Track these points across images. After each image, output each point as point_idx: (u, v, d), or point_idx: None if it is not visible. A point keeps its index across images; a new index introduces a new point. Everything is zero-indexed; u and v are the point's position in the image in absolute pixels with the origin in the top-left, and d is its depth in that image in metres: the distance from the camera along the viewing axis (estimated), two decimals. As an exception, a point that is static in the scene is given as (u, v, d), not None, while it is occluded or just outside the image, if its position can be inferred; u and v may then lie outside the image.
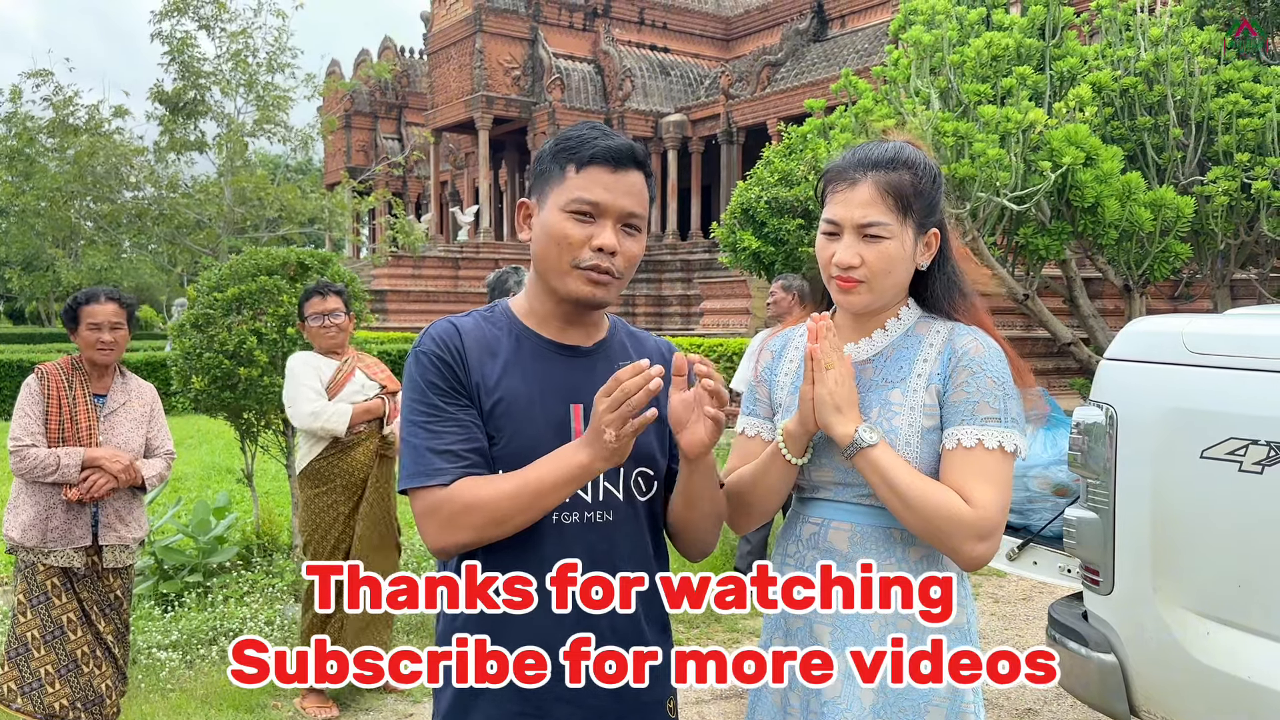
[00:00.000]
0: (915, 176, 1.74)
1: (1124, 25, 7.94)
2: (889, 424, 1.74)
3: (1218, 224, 7.22)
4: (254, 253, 5.76)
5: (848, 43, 27.85)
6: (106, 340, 3.62)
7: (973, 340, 1.76)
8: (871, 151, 1.77)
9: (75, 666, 3.55)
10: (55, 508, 3.53)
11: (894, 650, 1.74)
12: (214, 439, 12.15)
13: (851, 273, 1.72)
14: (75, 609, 3.58)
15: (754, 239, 8.20)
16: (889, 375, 1.78)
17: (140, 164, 15.80)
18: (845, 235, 1.74)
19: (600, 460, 1.54)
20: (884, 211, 1.71)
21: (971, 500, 1.66)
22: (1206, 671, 2.41)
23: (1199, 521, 2.45)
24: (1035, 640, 5.24)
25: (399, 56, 38.09)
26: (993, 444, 1.69)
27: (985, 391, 1.71)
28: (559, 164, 1.66)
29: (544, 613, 1.65)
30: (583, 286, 1.64)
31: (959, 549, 1.66)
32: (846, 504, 1.79)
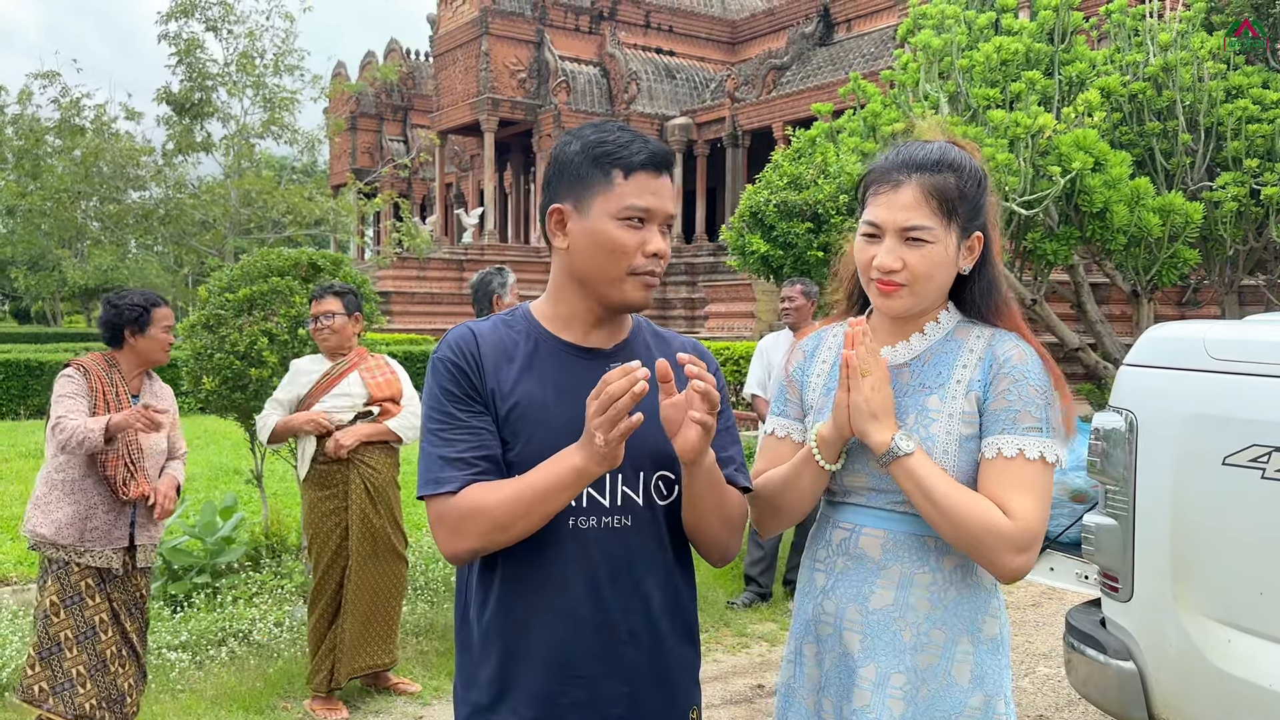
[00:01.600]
0: (960, 179, 1.70)
1: (1133, 30, 7.93)
2: (926, 431, 1.71)
3: (1226, 230, 7.20)
4: (266, 253, 5.76)
5: (853, 47, 27.85)
6: (172, 342, 3.77)
7: (1015, 347, 1.72)
8: (916, 152, 1.72)
9: (104, 666, 3.57)
10: (96, 507, 3.54)
11: (926, 662, 1.71)
12: (221, 439, 12.15)
13: (893, 276, 1.69)
14: (107, 609, 3.59)
15: (763, 242, 8.18)
16: (926, 380, 1.75)
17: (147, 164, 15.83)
18: (887, 238, 1.70)
19: (594, 464, 1.52)
20: (928, 215, 1.67)
21: (1010, 512, 1.62)
22: (1228, 679, 2.40)
23: (1220, 528, 2.44)
24: (1046, 646, 5.23)
25: (405, 59, 38.17)
26: (1034, 454, 1.65)
27: (1028, 400, 1.68)
28: (601, 169, 1.62)
29: (561, 620, 1.63)
30: (637, 292, 1.65)
31: (996, 561, 1.63)
32: (879, 510, 1.75)
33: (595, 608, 1.64)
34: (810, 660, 1.82)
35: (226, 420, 6.00)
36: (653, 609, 1.68)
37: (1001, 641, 1.77)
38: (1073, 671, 2.91)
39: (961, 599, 1.72)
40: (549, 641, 1.64)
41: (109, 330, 3.72)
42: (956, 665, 1.71)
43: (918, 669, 1.70)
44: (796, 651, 1.85)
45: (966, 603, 1.73)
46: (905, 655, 1.70)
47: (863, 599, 1.73)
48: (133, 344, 3.68)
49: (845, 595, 1.76)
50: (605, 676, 1.65)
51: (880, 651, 1.71)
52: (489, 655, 1.67)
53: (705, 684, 4.69)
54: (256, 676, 4.57)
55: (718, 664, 5.03)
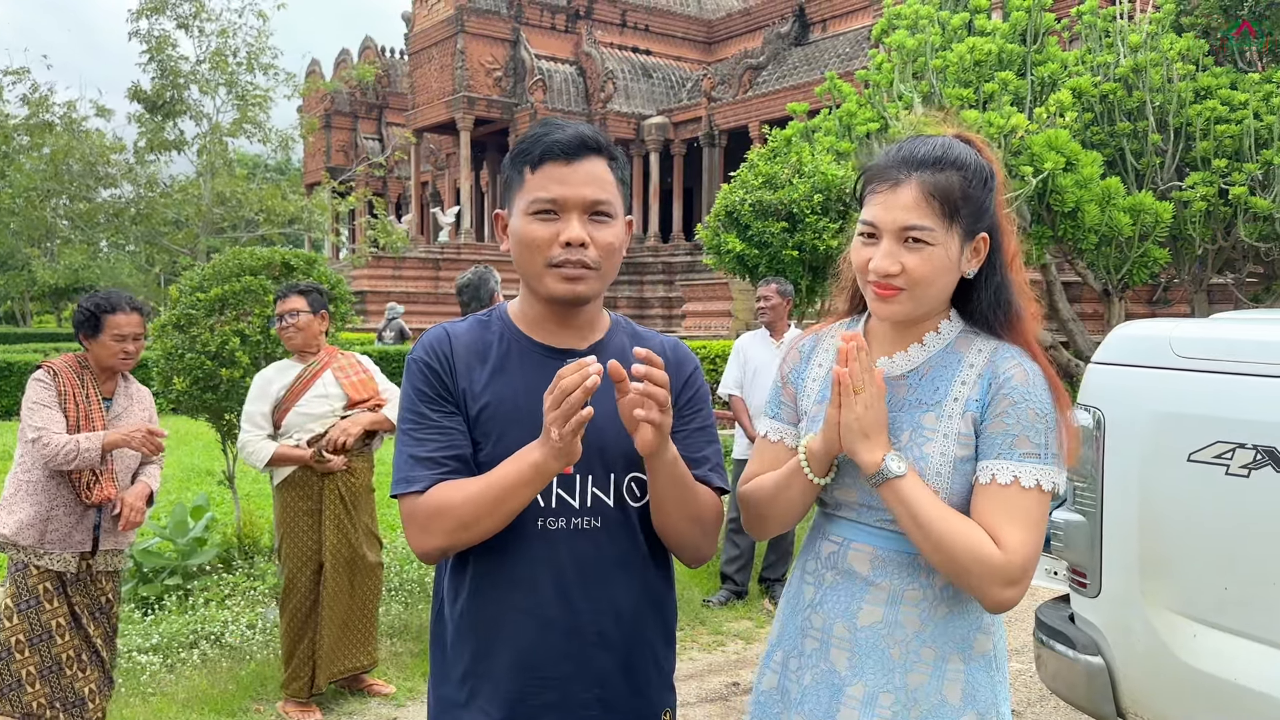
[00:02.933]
0: (964, 178, 1.59)
1: (1104, 31, 8.02)
2: (919, 450, 1.63)
3: (1196, 229, 7.29)
4: (238, 252, 5.71)
5: (829, 47, 27.97)
6: (130, 351, 3.60)
7: (1017, 366, 1.62)
8: (917, 149, 1.61)
9: (58, 668, 3.50)
10: (58, 509, 3.47)
11: (916, 681, 1.65)
12: (193, 440, 12.04)
13: (891, 280, 1.59)
14: (65, 613, 3.52)
15: (738, 241, 8.21)
16: (923, 396, 1.66)
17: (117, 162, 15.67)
18: (885, 240, 1.60)
19: (551, 459, 1.52)
20: (928, 215, 1.57)
21: (1001, 542, 1.54)
22: (1193, 674, 2.42)
23: (1186, 524, 2.47)
24: (1018, 642, 5.27)
25: (380, 56, 37.94)
26: (1029, 482, 1.57)
27: (1026, 425, 1.58)
28: (516, 169, 1.66)
29: (531, 621, 1.63)
30: (559, 284, 1.62)
31: (985, 592, 1.56)
32: (869, 526, 1.69)
33: (564, 609, 1.63)
34: (791, 674, 1.76)
35: (198, 421, 5.95)
36: (624, 611, 1.67)
37: (995, 658, 1.70)
38: (1042, 667, 2.94)
39: (952, 616, 1.66)
40: (519, 642, 1.64)
41: (76, 331, 3.67)
42: (948, 684, 1.64)
43: (908, 688, 1.64)
44: (782, 664, 1.79)
45: (958, 620, 1.66)
46: (894, 674, 1.64)
47: (851, 615, 1.68)
48: (89, 348, 3.62)
49: (833, 611, 1.70)
50: (575, 678, 1.64)
51: (869, 670, 1.65)
52: (461, 654, 1.68)
53: (681, 682, 4.69)
54: (229, 679, 4.53)
55: (693, 662, 5.03)
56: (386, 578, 5.76)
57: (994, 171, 1.66)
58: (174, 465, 10.49)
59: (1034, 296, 1.72)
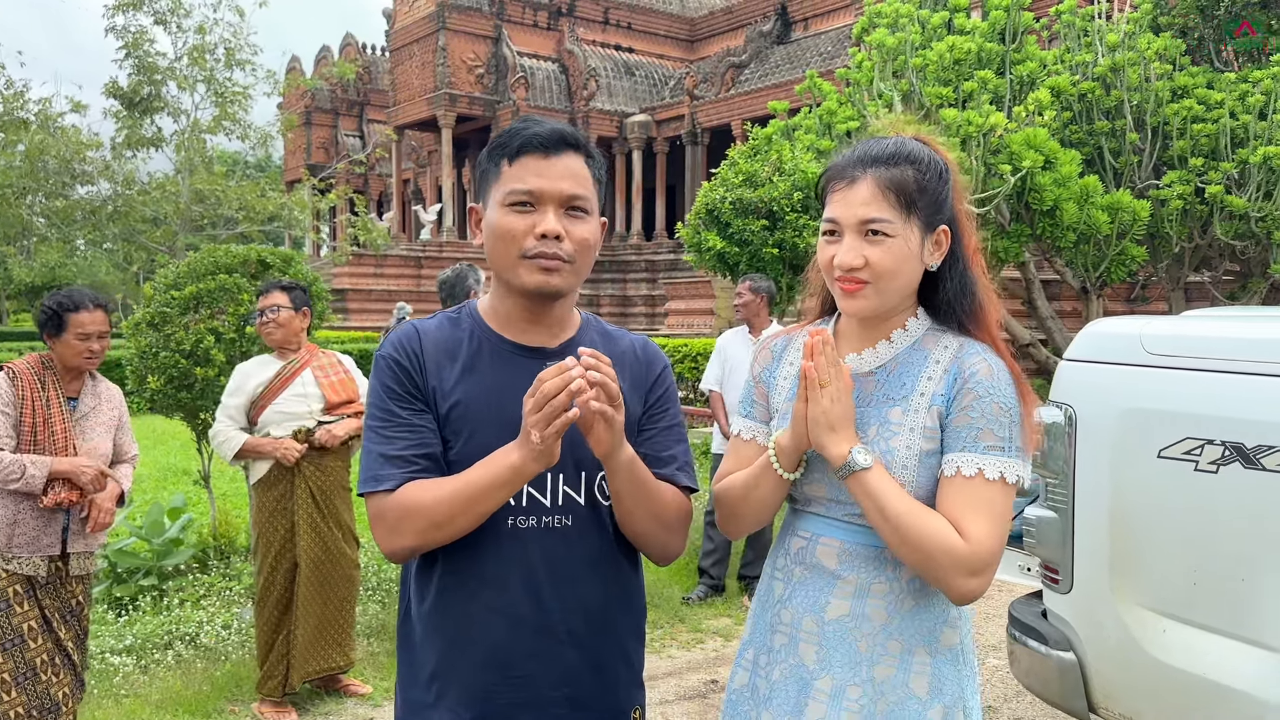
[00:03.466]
0: (919, 172, 1.64)
1: (1082, 31, 8.06)
2: (886, 444, 1.65)
3: (1173, 227, 7.34)
4: (213, 250, 5.67)
5: (811, 45, 28.03)
6: (95, 350, 3.52)
7: (982, 361, 1.65)
8: (872, 148, 1.67)
9: (34, 674, 3.45)
10: (24, 513, 3.39)
11: (883, 673, 1.67)
12: (169, 439, 11.96)
13: (855, 274, 1.63)
14: (37, 616, 3.46)
15: (719, 239, 8.21)
16: (891, 391, 1.69)
17: (94, 159, 15.52)
18: (846, 235, 1.64)
19: (531, 461, 1.51)
20: (886, 208, 1.62)
21: (966, 534, 1.57)
22: (1163, 668, 2.44)
23: (1156, 520, 2.48)
24: (994, 638, 5.30)
25: (361, 53, 37.77)
26: (993, 475, 1.59)
27: (990, 418, 1.61)
28: (494, 161, 1.65)
29: (499, 619, 1.62)
30: (533, 275, 1.61)
31: (949, 583, 1.58)
32: (837, 521, 1.72)
33: (534, 607, 1.63)
34: (761, 670, 1.78)
35: (173, 420, 5.90)
36: (594, 609, 1.67)
37: (962, 651, 1.72)
38: (1015, 663, 2.95)
39: (919, 609, 1.68)
40: (488, 641, 1.62)
41: (40, 330, 3.60)
42: (914, 676, 1.66)
43: (874, 680, 1.66)
44: (753, 662, 1.81)
45: (924, 613, 1.68)
46: (861, 667, 1.66)
47: (819, 609, 1.70)
48: (53, 347, 3.55)
49: (802, 605, 1.72)
50: (544, 677, 1.63)
51: (836, 663, 1.67)
52: (428, 653, 1.66)
53: (660, 680, 4.70)
54: (203, 680, 4.50)
55: (672, 660, 5.03)
56: (364, 577, 5.73)
57: (949, 166, 1.70)
58: (149, 464, 10.42)
59: (995, 291, 1.75)
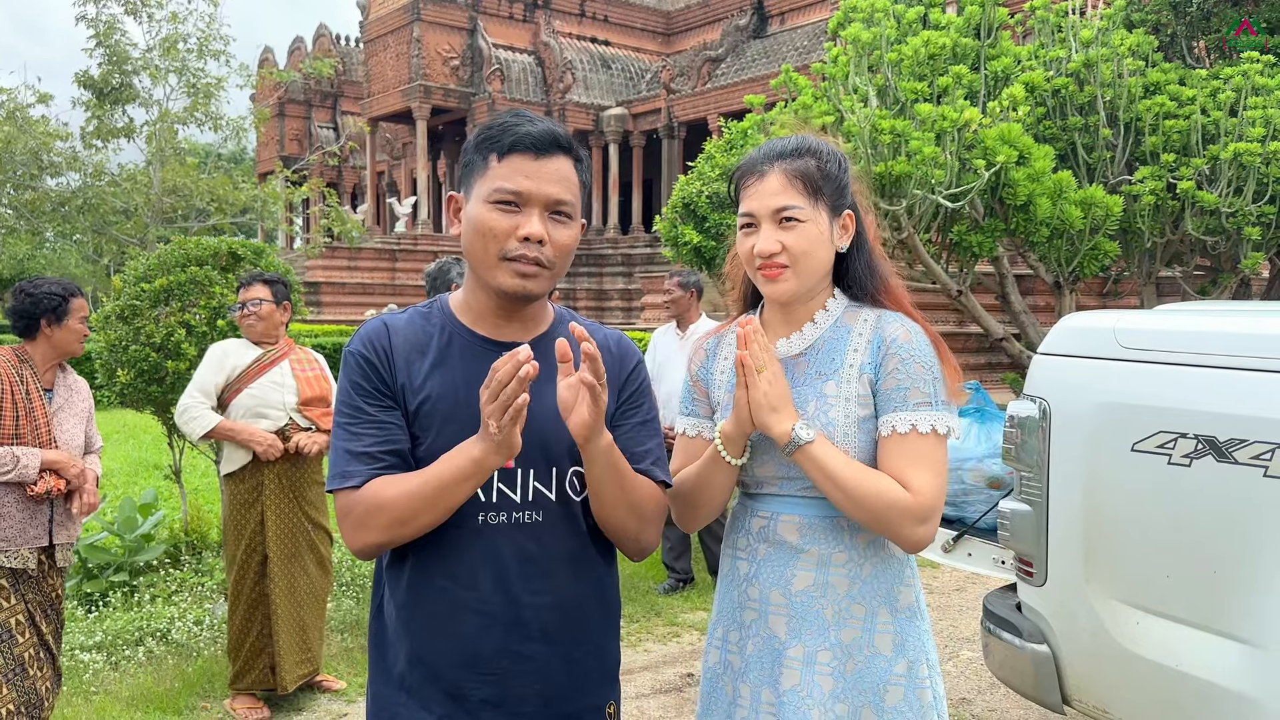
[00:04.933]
0: (820, 161, 1.80)
1: (1056, 27, 8.10)
2: (826, 416, 1.78)
3: (1145, 223, 7.40)
4: (183, 242, 5.60)
5: (787, 39, 28.07)
6: (87, 334, 3.63)
7: (900, 327, 1.80)
8: (776, 145, 1.83)
9: (22, 670, 3.41)
10: (9, 506, 3.37)
11: (850, 636, 1.78)
12: (140, 434, 11.83)
13: (774, 259, 1.76)
14: (22, 611, 3.43)
15: (695, 233, 8.20)
16: (822, 368, 1.82)
17: (63, 150, 15.30)
18: (763, 225, 1.78)
19: (492, 454, 1.50)
20: (795, 196, 1.76)
21: (910, 486, 1.71)
22: (1137, 661, 2.45)
23: (1129, 513, 2.50)
24: (970, 630, 5.33)
25: (334, 45, 37.43)
26: (925, 428, 1.74)
27: (915, 377, 1.76)
28: (481, 154, 1.63)
29: (470, 616, 1.61)
30: (511, 279, 1.60)
31: (901, 533, 1.72)
32: (792, 497, 1.83)
33: (505, 603, 1.61)
34: (733, 646, 1.88)
35: (144, 414, 5.83)
36: (567, 604, 1.66)
37: (918, 609, 1.86)
38: (990, 655, 2.96)
39: (876, 573, 1.80)
40: (458, 637, 1.61)
41: (22, 320, 3.55)
42: (878, 636, 1.79)
43: (842, 644, 1.77)
44: (723, 639, 1.90)
45: (882, 575, 1.81)
46: (829, 632, 1.78)
47: (785, 582, 1.80)
48: (49, 335, 3.53)
49: (769, 580, 1.82)
50: (515, 673, 1.62)
51: (805, 631, 1.78)
52: (399, 650, 1.65)
53: (636, 674, 4.69)
54: (175, 676, 4.45)
55: (648, 653, 5.03)
56: (338, 573, 5.69)
57: (845, 157, 1.86)
58: (121, 459, 10.30)
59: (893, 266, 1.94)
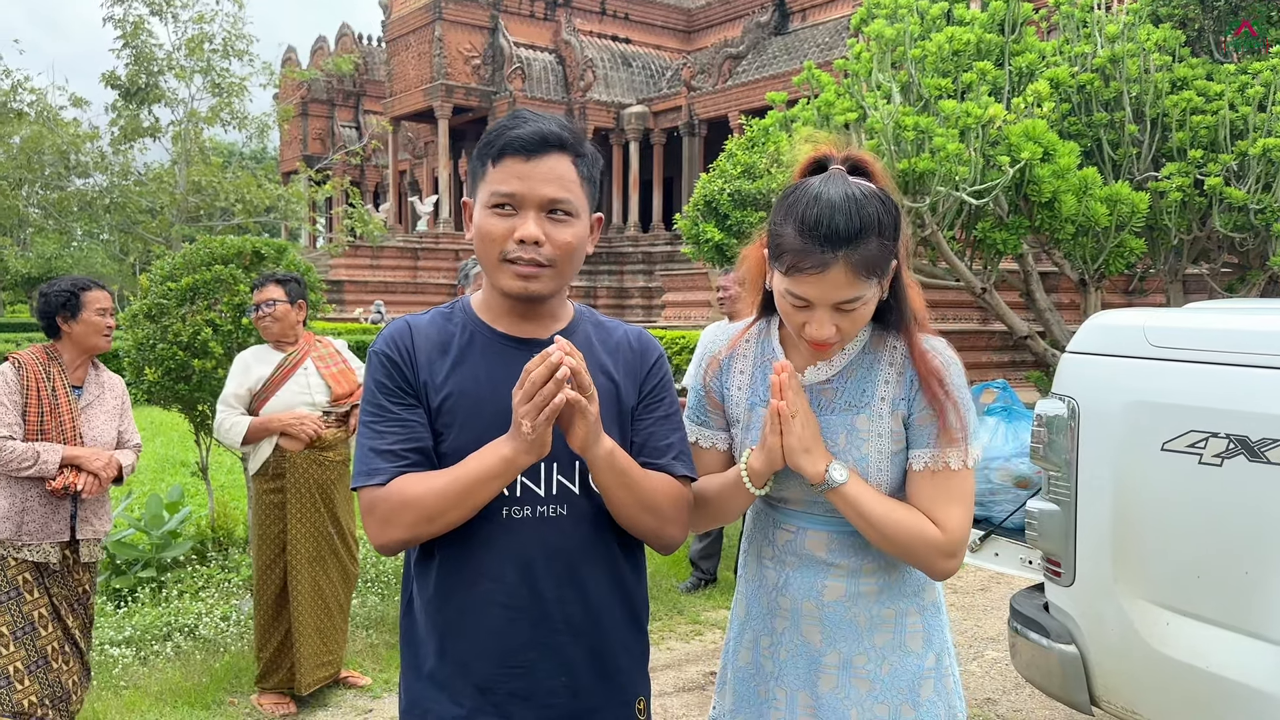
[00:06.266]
0: (881, 234, 1.63)
1: (1081, 22, 8.03)
2: (859, 451, 1.76)
3: (1171, 219, 7.33)
4: (208, 241, 5.64)
5: (809, 36, 27.96)
6: (111, 325, 3.64)
7: (935, 359, 1.75)
8: (835, 223, 1.59)
9: (45, 663, 3.46)
10: (32, 500, 3.44)
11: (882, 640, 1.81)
12: (168, 431, 11.94)
13: (829, 340, 1.69)
14: (46, 604, 3.49)
15: (717, 231, 8.19)
16: (851, 399, 1.78)
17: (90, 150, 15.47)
18: (819, 311, 1.66)
19: (523, 453, 1.52)
20: (859, 287, 1.63)
21: (940, 522, 1.72)
22: (1166, 662, 2.44)
23: (1159, 513, 2.48)
24: (994, 630, 5.30)
25: (357, 44, 37.63)
26: (957, 465, 1.74)
27: (952, 414, 1.74)
28: (480, 160, 1.65)
29: (497, 609, 1.62)
30: (512, 281, 1.62)
31: (929, 566, 1.74)
32: (819, 516, 1.83)
33: (531, 597, 1.63)
34: (765, 651, 1.88)
35: (171, 411, 5.89)
36: (592, 598, 1.66)
37: (940, 603, 1.90)
38: (1017, 655, 2.95)
39: (904, 576, 1.83)
40: (486, 631, 1.63)
41: (44, 321, 3.63)
42: (909, 636, 1.82)
43: (876, 647, 1.80)
44: (754, 643, 1.90)
45: (908, 579, 1.83)
46: (863, 638, 1.80)
47: (817, 593, 1.82)
48: (68, 331, 3.59)
49: (800, 592, 1.83)
50: (543, 666, 1.63)
51: (840, 638, 1.81)
52: (429, 644, 1.67)
53: (659, 671, 4.69)
54: (202, 671, 4.49)
55: (671, 652, 5.03)
56: (363, 569, 5.72)
57: (895, 203, 1.68)
58: (149, 456, 10.40)
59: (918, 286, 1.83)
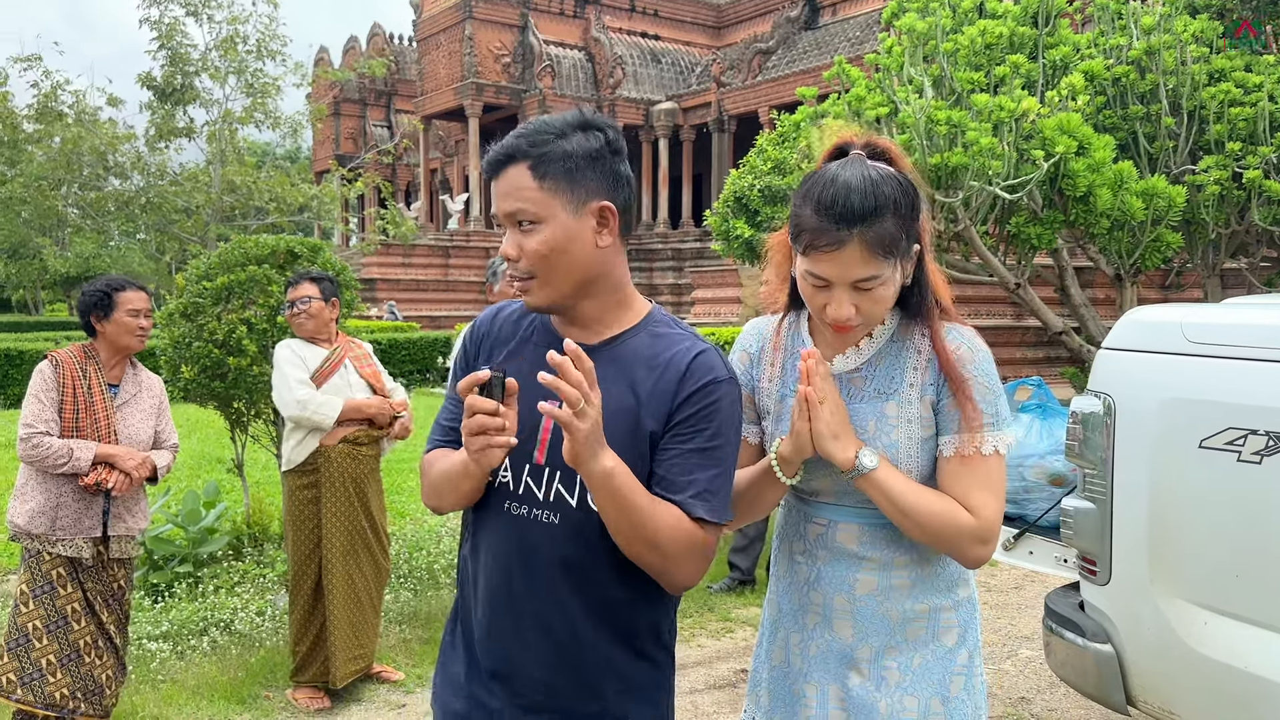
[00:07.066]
0: (897, 214, 1.65)
1: (1116, 14, 7.92)
2: (888, 438, 1.76)
3: (1209, 213, 7.22)
4: (243, 241, 5.70)
5: (839, 30, 27.80)
6: (145, 326, 3.67)
7: (963, 346, 1.76)
8: (851, 201, 1.62)
9: (77, 656, 3.53)
10: (66, 496, 3.50)
11: (914, 634, 1.80)
12: (204, 428, 12.09)
13: (849, 321, 1.70)
14: (80, 599, 3.55)
15: (747, 227, 8.17)
16: (880, 386, 1.79)
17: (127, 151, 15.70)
18: (837, 290, 1.68)
19: (473, 464, 1.56)
20: (875, 265, 1.65)
21: (972, 508, 1.71)
22: (1204, 662, 2.40)
23: (1197, 511, 2.44)
24: (1028, 629, 5.26)
25: (388, 44, 37.87)
26: (988, 450, 1.73)
27: (980, 398, 1.74)
28: None
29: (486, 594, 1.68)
30: (519, 295, 1.69)
31: (962, 553, 1.73)
32: (850, 507, 1.82)
33: (508, 591, 1.66)
34: (795, 649, 1.89)
35: (207, 409, 5.96)
36: (570, 610, 1.62)
37: (974, 599, 1.89)
38: (1051, 655, 2.92)
39: (937, 571, 1.82)
40: (478, 610, 1.70)
41: (82, 320, 3.70)
42: (942, 630, 1.82)
43: (908, 640, 1.80)
44: (785, 643, 1.91)
45: (942, 573, 1.83)
46: (895, 632, 1.80)
47: (848, 587, 1.81)
48: (102, 330, 3.64)
49: (831, 586, 1.83)
50: (521, 657, 1.65)
51: (872, 632, 1.81)
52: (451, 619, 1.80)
53: (690, 669, 4.70)
54: (238, 666, 4.55)
55: (702, 649, 5.03)
56: (396, 565, 5.77)
57: (914, 183, 1.72)
58: (185, 452, 10.53)
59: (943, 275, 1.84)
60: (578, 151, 1.59)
